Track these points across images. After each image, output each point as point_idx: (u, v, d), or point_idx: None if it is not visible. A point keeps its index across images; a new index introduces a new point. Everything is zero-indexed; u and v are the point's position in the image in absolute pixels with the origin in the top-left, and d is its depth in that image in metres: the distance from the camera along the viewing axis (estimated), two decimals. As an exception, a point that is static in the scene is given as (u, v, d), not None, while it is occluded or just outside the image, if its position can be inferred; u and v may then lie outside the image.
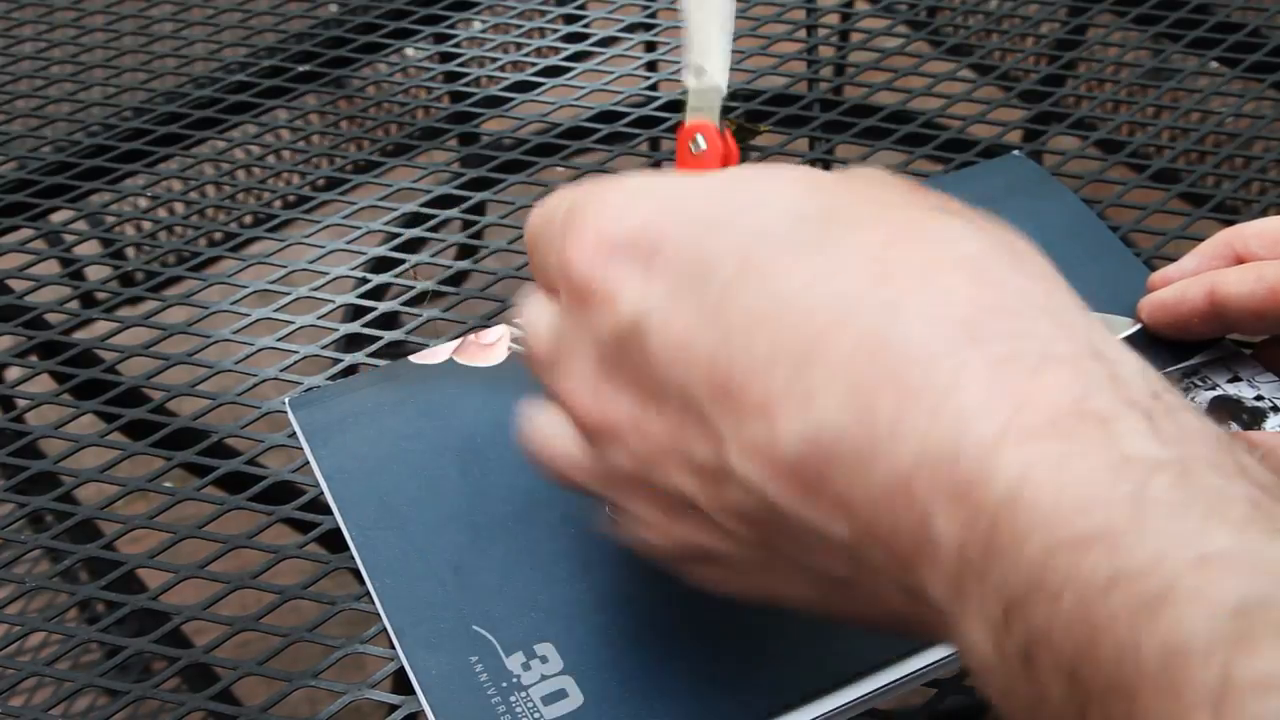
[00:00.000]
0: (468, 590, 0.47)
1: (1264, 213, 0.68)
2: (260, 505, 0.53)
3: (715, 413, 0.32)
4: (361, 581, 0.48)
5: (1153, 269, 0.56)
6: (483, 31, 0.89)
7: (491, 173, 0.71)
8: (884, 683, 0.44)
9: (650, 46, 0.82)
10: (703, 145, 0.45)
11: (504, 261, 0.65)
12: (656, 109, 0.76)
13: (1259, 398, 0.52)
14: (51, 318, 0.66)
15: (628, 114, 0.75)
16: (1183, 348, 0.54)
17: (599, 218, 0.35)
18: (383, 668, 0.47)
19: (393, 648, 0.46)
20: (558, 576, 0.47)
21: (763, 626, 0.45)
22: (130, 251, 0.92)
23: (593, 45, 0.82)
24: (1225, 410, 0.52)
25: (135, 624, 0.50)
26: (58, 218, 0.72)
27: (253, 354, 0.61)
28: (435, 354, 0.56)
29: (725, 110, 0.74)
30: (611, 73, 0.78)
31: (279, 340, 0.61)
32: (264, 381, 0.59)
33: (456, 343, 0.57)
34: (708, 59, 0.48)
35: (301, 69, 0.81)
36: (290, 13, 0.89)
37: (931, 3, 0.93)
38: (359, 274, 0.65)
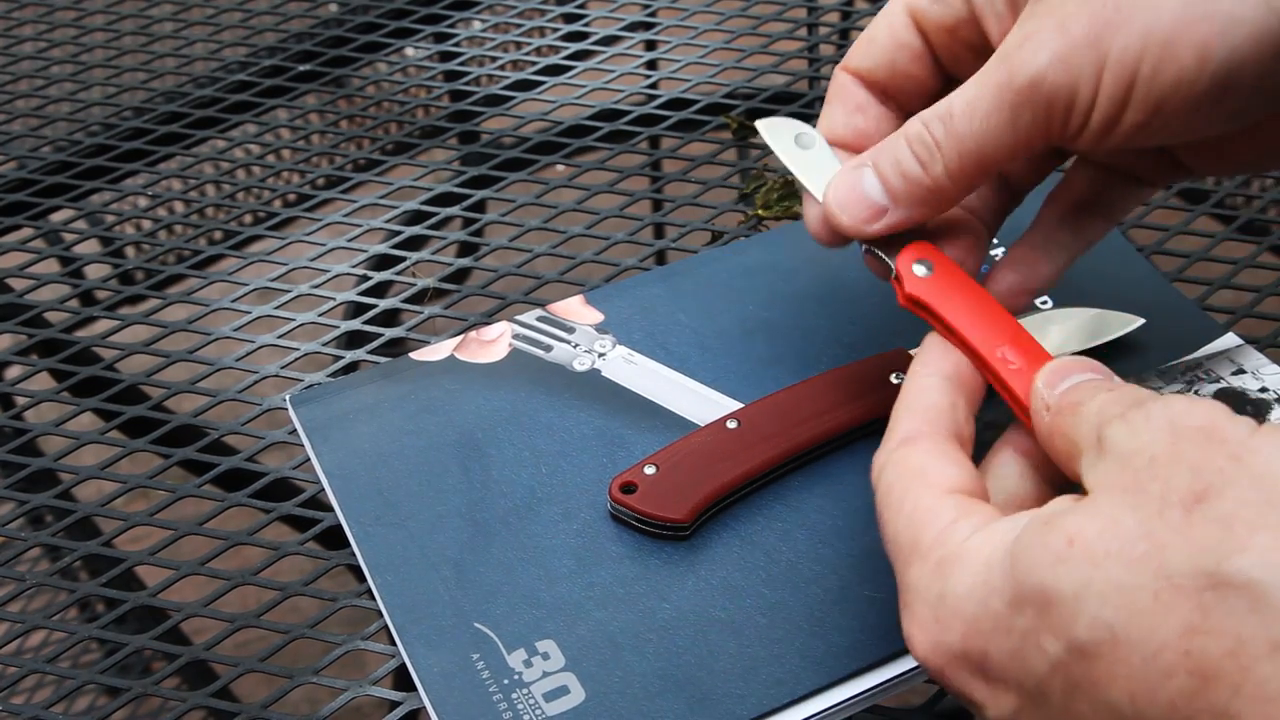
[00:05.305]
0: (469, 587, 0.47)
1: (1264, 210, 0.68)
2: (260, 502, 0.53)
3: None
4: (362, 578, 0.48)
5: (1155, 266, 0.56)
6: (483, 31, 0.89)
7: (492, 171, 0.71)
8: (884, 679, 0.44)
9: (650, 45, 0.82)
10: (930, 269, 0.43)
11: (504, 259, 0.65)
12: (657, 108, 0.76)
13: (1263, 390, 0.52)
14: (51, 316, 0.66)
15: (628, 112, 0.75)
16: (1186, 342, 0.54)
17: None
18: (383, 665, 0.47)
19: (393, 645, 0.46)
20: (559, 573, 0.47)
21: (764, 623, 0.45)
22: (130, 250, 0.92)
23: (593, 44, 0.82)
24: (1229, 403, 0.51)
25: (135, 622, 0.50)
26: (58, 217, 0.72)
27: (253, 351, 0.60)
28: (436, 351, 0.56)
29: (725, 109, 0.74)
30: (612, 71, 0.78)
31: (279, 337, 0.61)
32: (264, 379, 0.59)
33: (457, 340, 0.57)
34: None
35: (302, 69, 0.81)
36: (290, 12, 0.89)
37: (932, 1, 0.93)
38: (360, 271, 0.65)
